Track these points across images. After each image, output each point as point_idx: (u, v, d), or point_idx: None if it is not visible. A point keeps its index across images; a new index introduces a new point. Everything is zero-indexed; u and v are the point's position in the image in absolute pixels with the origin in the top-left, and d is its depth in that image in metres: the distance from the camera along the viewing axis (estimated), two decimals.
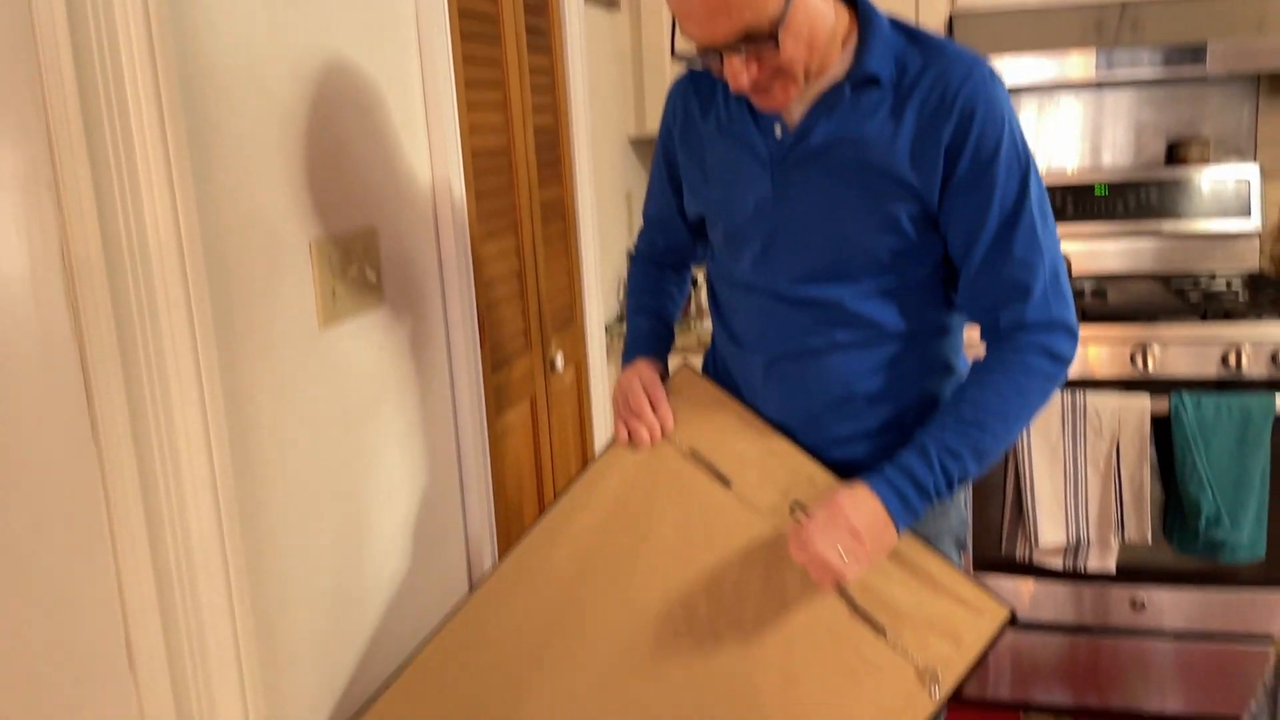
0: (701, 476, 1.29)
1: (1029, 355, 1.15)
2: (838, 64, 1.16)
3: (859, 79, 1.14)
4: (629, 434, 1.35)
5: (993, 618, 1.13)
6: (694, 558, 1.24)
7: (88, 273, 0.92)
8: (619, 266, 2.65)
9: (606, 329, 2.45)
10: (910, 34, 1.17)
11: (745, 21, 1.02)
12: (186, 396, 1.01)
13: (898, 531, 1.14)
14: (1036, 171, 1.16)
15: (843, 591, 1.16)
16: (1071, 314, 1.17)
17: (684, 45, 1.12)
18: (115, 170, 0.91)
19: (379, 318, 1.44)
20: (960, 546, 1.35)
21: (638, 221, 2.83)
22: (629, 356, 1.43)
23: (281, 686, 1.21)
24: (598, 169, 2.40)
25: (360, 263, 1.37)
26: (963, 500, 1.35)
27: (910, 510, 1.14)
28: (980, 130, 1.12)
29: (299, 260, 1.25)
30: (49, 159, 0.87)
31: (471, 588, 1.75)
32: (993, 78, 1.14)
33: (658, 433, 1.34)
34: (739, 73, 1.07)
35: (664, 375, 1.42)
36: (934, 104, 1.12)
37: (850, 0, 1.17)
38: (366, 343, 1.41)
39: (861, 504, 1.12)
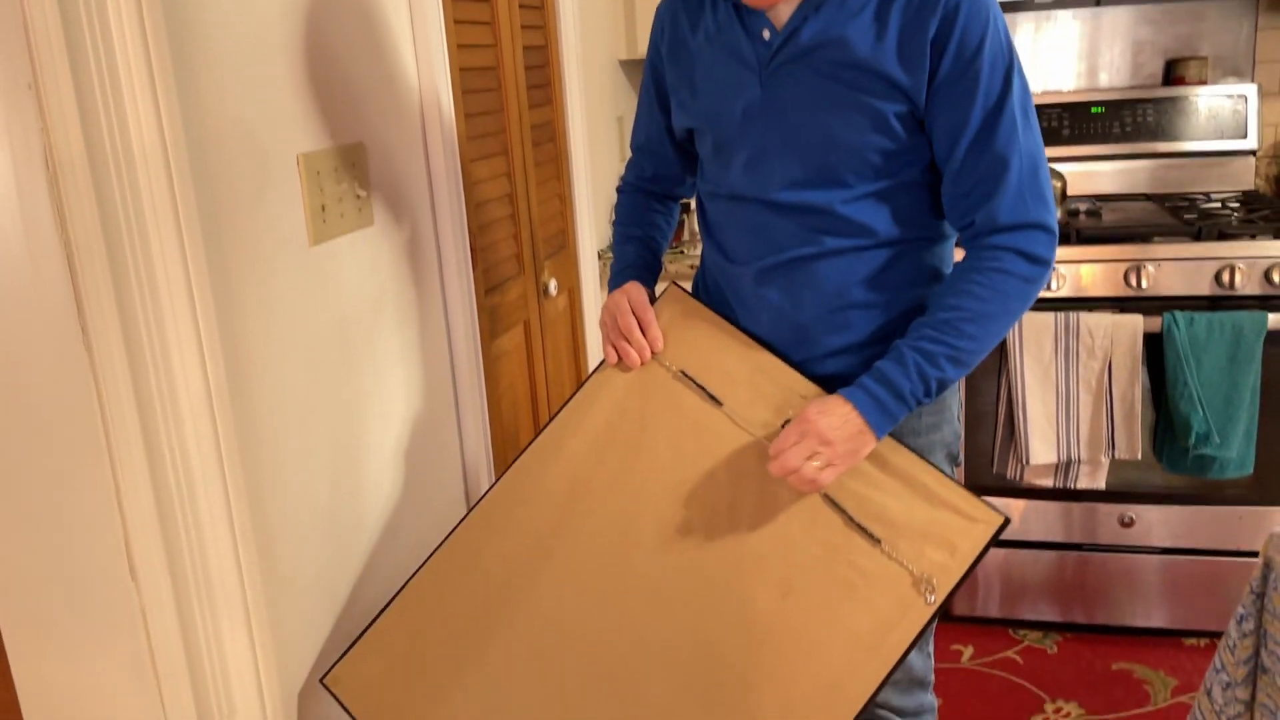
0: (692, 396, 1.29)
1: (1005, 257, 1.15)
2: None
3: None
4: (618, 356, 1.34)
5: (988, 525, 1.14)
6: (687, 476, 1.24)
7: (72, 175, 0.90)
8: (610, 192, 2.62)
9: (599, 255, 2.43)
10: None
11: None
12: (177, 302, 1.01)
13: (876, 437, 1.15)
14: (1021, 71, 1.16)
15: (837, 504, 1.17)
16: (1050, 215, 1.17)
17: None
18: (96, 71, 0.89)
19: (370, 236, 1.42)
20: (954, 460, 1.36)
21: (629, 147, 2.79)
22: (616, 282, 1.41)
23: (282, 602, 1.22)
24: (588, 92, 2.36)
25: (349, 179, 1.35)
26: (955, 413, 1.35)
27: (887, 415, 1.14)
28: (964, 26, 1.11)
29: (287, 174, 1.23)
30: (28, 59, 0.85)
31: (468, 510, 1.77)
32: None
33: (646, 354, 1.33)
34: None
35: (652, 299, 1.41)
36: (919, 2, 1.12)
37: None
38: (358, 261, 1.39)
39: (831, 411, 1.13)
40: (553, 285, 2.08)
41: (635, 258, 1.43)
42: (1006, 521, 1.15)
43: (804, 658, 1.14)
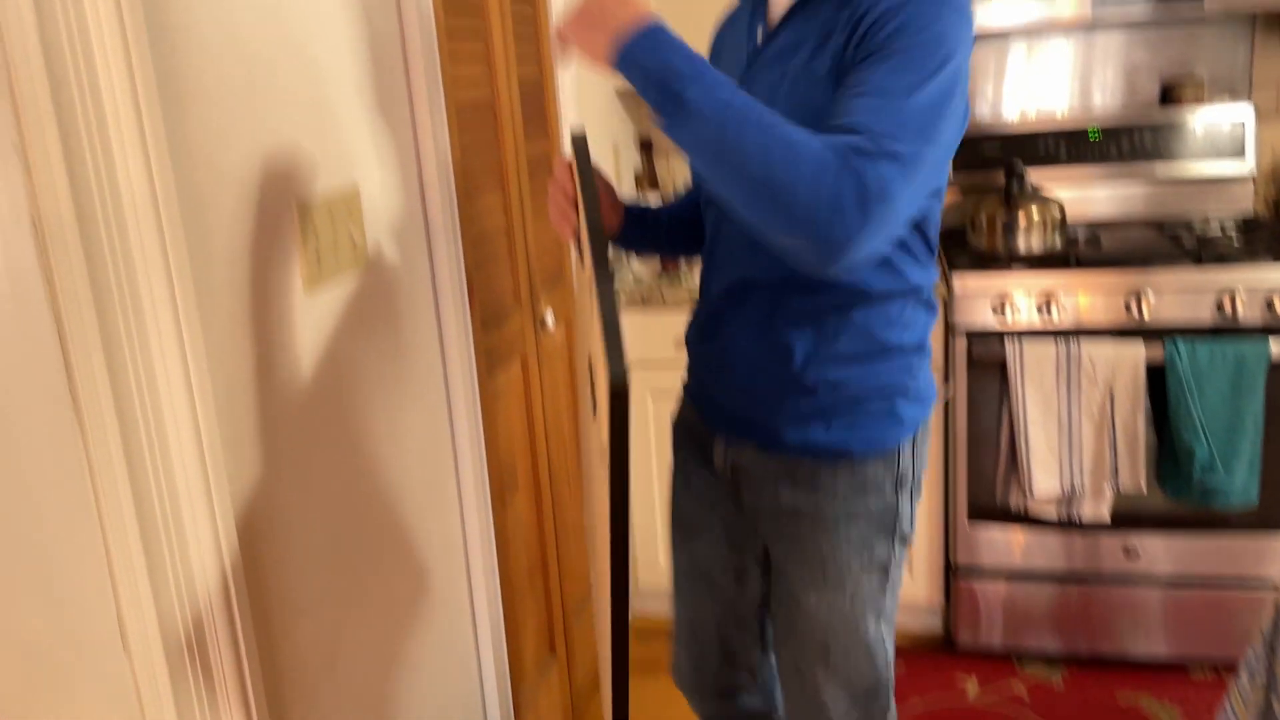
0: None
1: (824, 140, 0.97)
2: None
3: None
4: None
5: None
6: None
7: (60, 238, 0.87)
8: None
9: None
10: None
11: None
12: (169, 361, 0.98)
13: (615, 48, 1.03)
14: (957, 83, 1.06)
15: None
16: (906, 145, 0.98)
17: None
18: (85, 130, 0.87)
19: (365, 279, 1.40)
20: (897, 538, 1.29)
21: (625, 174, 2.78)
22: None
23: (278, 661, 1.19)
24: (584, 117, 2.34)
25: (346, 223, 1.33)
26: (893, 486, 1.26)
27: (637, 49, 1.02)
28: (886, 9, 1.06)
29: (283, 222, 1.20)
30: (13, 119, 0.82)
31: (466, 548, 1.74)
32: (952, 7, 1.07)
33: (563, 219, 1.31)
34: None
35: (622, 220, 1.41)
36: (865, 7, 1.08)
37: None
38: (353, 305, 1.37)
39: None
40: (550, 317, 2.05)
41: (639, 206, 1.46)
42: (623, 385, 0.93)
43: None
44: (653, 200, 2.59)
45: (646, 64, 1.02)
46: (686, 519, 1.47)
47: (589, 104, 2.41)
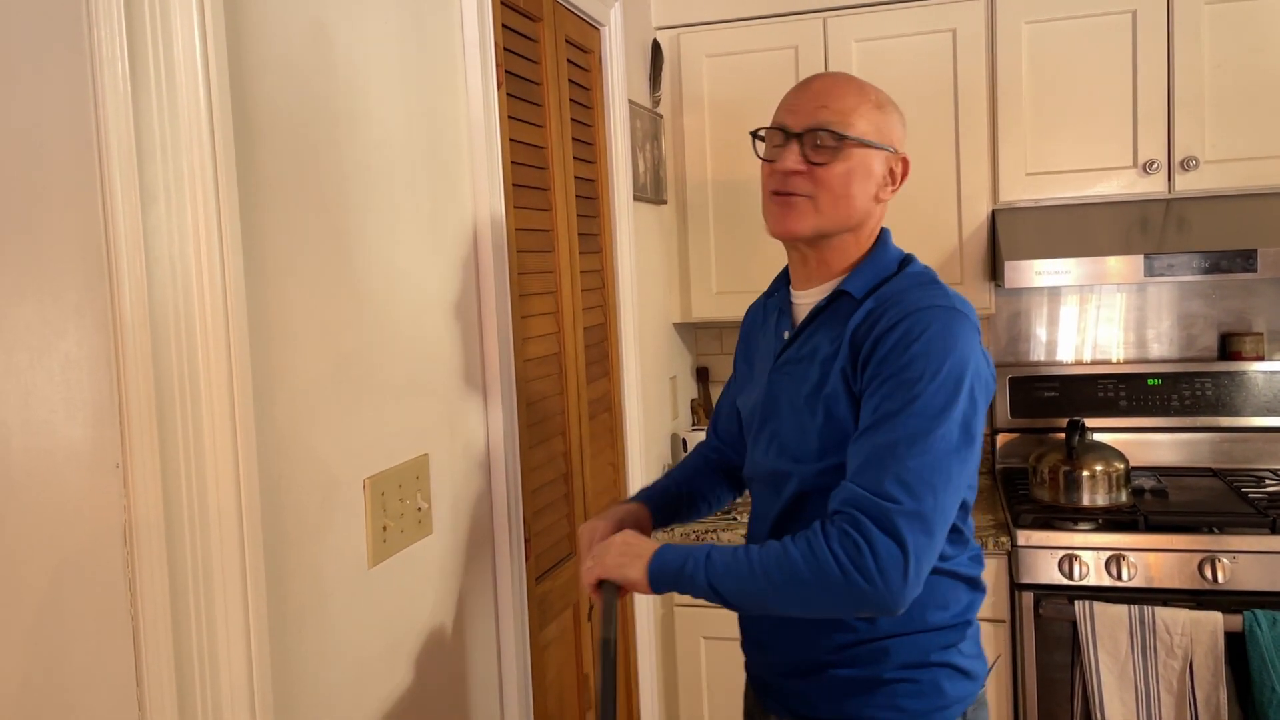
0: None
1: (828, 535, 1.09)
2: (839, 267, 1.26)
3: (838, 292, 1.24)
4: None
5: None
6: None
7: (148, 544, 0.90)
8: (663, 450, 2.62)
9: None
10: (909, 272, 1.24)
11: (828, 117, 1.20)
12: (234, 652, 0.98)
13: (646, 573, 1.17)
14: (966, 390, 1.13)
15: None
16: (916, 538, 1.07)
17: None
18: (183, 449, 0.91)
19: (428, 546, 1.40)
20: None
21: (682, 405, 2.82)
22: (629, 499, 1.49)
23: None
24: (643, 354, 2.40)
25: (413, 494, 1.35)
26: None
27: (665, 569, 1.17)
28: (900, 334, 1.14)
29: (352, 498, 1.23)
30: (119, 442, 0.86)
31: None
32: (947, 314, 1.15)
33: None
34: (791, 157, 1.21)
35: (653, 520, 1.45)
36: (877, 315, 1.17)
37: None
38: (413, 574, 1.37)
39: (632, 537, 1.22)
40: None
41: (663, 488, 1.51)
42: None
43: None
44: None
45: (670, 577, 1.17)
46: None
47: (647, 337, 2.47)
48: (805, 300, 1.30)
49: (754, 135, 1.30)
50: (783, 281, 1.37)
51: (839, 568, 1.07)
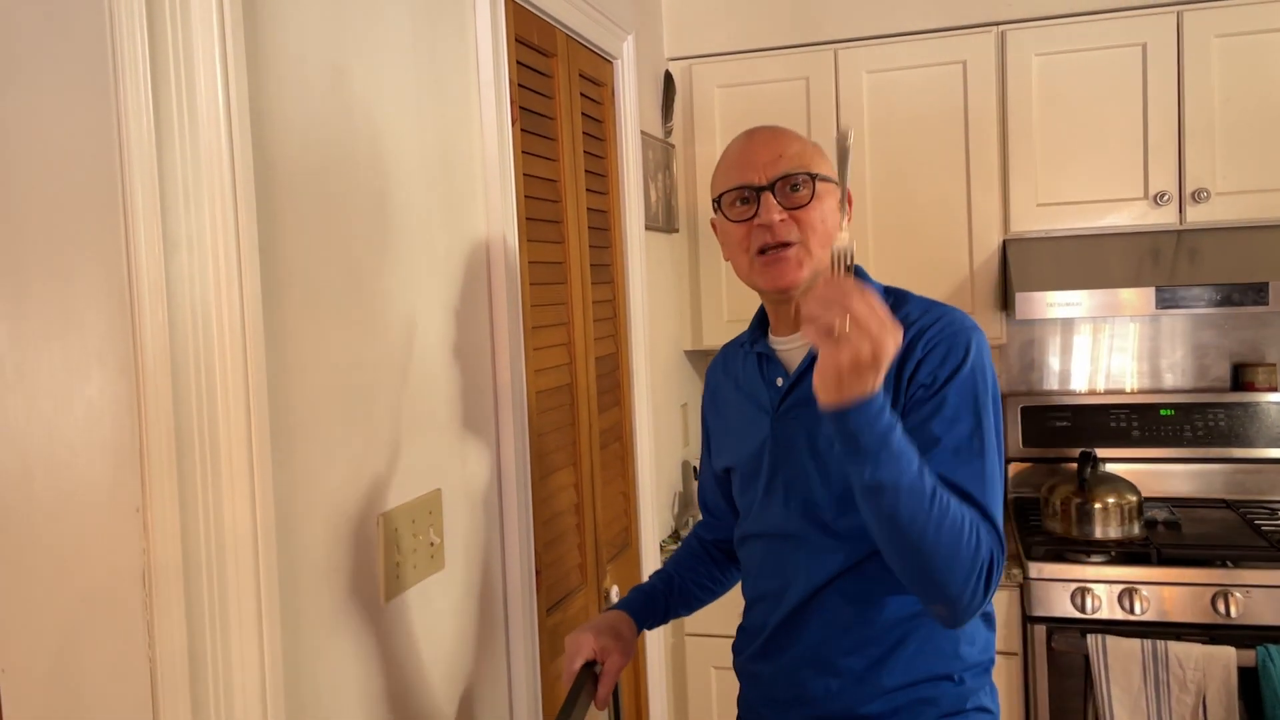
0: None
1: (987, 536, 1.14)
2: None
3: None
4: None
5: None
6: None
7: (165, 586, 0.91)
8: (674, 480, 2.62)
9: (661, 546, 2.40)
10: (899, 294, 1.28)
11: (790, 164, 1.22)
12: (250, 708, 0.99)
13: (866, 394, 1.00)
14: (994, 402, 1.19)
15: None
16: (1000, 516, 1.17)
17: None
18: (202, 491, 0.92)
19: (440, 580, 1.41)
20: None
21: (694, 432, 2.82)
22: (615, 604, 1.47)
23: None
24: (654, 382, 2.41)
25: (426, 528, 1.36)
26: None
27: (879, 413, 1.02)
28: (940, 359, 1.17)
29: (367, 535, 1.24)
30: (139, 485, 0.88)
31: None
32: (965, 324, 1.21)
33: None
34: (771, 208, 1.21)
35: (636, 626, 1.42)
36: (911, 338, 1.19)
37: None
38: (427, 608, 1.38)
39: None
40: (614, 592, 2.04)
41: (649, 589, 1.48)
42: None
43: None
44: None
45: (871, 429, 1.03)
46: None
47: (659, 365, 2.49)
48: (792, 345, 1.29)
49: (716, 203, 1.29)
50: (759, 330, 1.36)
51: (976, 566, 1.10)
